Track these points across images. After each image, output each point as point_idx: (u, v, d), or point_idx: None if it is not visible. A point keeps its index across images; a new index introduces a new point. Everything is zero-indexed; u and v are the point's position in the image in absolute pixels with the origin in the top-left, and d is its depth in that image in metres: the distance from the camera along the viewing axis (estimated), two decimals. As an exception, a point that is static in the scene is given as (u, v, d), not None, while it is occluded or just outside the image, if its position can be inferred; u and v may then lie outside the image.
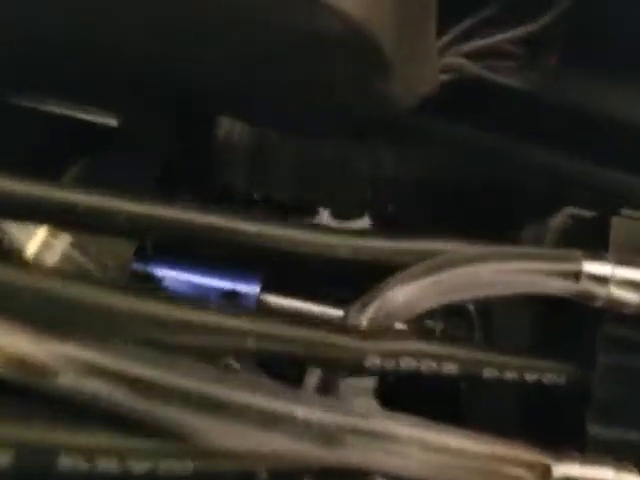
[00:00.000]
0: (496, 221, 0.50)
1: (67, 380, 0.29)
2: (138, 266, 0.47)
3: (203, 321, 0.33)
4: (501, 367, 0.39)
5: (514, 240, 0.45)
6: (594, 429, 0.39)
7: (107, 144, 0.45)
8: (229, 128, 0.49)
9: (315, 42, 0.34)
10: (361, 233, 0.39)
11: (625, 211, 0.42)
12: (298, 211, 0.55)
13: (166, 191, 0.47)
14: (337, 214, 0.56)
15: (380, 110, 0.39)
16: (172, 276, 0.48)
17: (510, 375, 0.39)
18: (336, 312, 0.50)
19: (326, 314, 0.51)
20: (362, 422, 0.33)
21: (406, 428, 0.33)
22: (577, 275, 0.38)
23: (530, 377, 0.40)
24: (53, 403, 0.30)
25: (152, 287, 0.41)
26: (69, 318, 0.32)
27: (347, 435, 0.32)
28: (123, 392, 0.30)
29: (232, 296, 0.48)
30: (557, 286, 0.37)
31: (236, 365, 0.35)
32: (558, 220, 0.45)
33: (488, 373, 0.39)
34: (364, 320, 0.37)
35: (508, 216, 0.50)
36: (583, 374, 0.40)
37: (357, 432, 0.32)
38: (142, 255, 0.43)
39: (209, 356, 0.33)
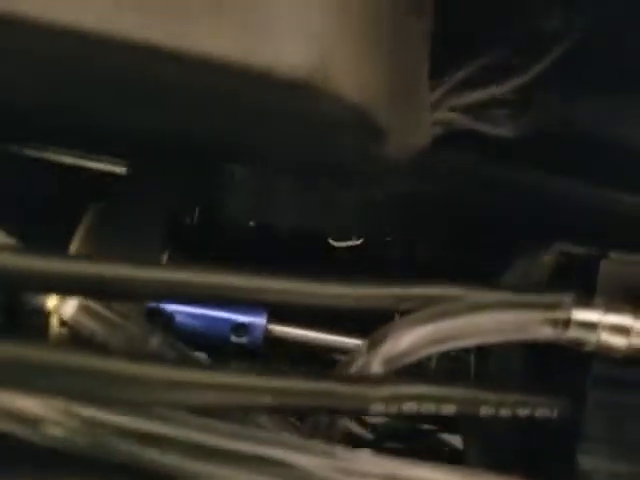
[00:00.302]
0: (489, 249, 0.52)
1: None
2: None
3: (200, 381, 0.35)
4: (497, 405, 0.42)
5: (502, 279, 0.47)
6: (584, 462, 0.42)
7: (117, 191, 0.47)
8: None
9: (310, 124, 0.35)
10: (361, 281, 0.41)
11: (614, 254, 0.44)
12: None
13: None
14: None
15: (371, 167, 0.41)
16: (182, 310, 0.50)
17: (505, 412, 0.42)
18: (343, 340, 0.53)
19: (333, 342, 0.53)
20: (352, 465, 0.35)
21: (397, 469, 0.36)
22: (566, 323, 0.40)
23: (523, 412, 0.42)
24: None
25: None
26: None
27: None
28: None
29: (241, 328, 0.51)
30: (547, 334, 0.40)
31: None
32: (549, 257, 0.47)
33: (485, 411, 0.41)
34: (369, 367, 0.39)
35: (502, 245, 0.52)
36: (573, 409, 0.42)
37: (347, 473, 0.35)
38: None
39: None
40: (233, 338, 0.51)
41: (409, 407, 0.39)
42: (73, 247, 0.46)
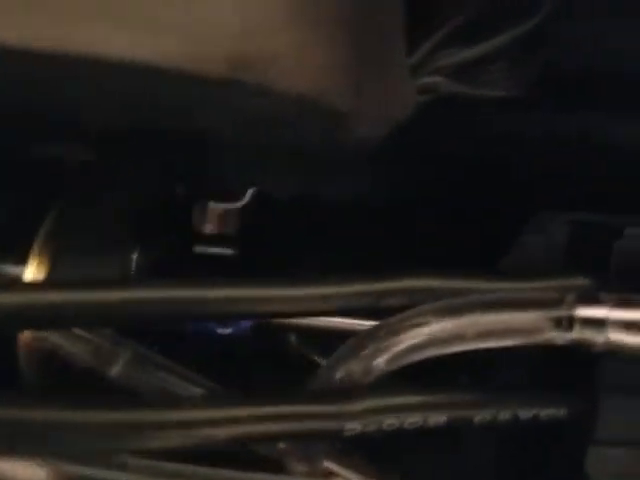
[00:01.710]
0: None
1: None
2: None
3: (150, 422, 0.32)
4: (495, 408, 0.37)
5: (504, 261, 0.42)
6: (594, 468, 0.37)
7: (80, 185, 0.43)
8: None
9: (275, 123, 0.31)
10: (331, 279, 0.36)
11: (630, 230, 0.39)
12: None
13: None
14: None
15: (344, 149, 0.36)
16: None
17: (504, 416, 0.37)
18: (342, 321, 0.49)
19: (329, 325, 0.49)
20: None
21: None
22: (570, 321, 0.35)
23: (526, 414, 0.38)
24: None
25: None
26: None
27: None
28: None
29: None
30: (551, 336, 0.35)
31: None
32: (560, 232, 0.42)
33: (481, 417, 0.37)
34: (340, 381, 0.35)
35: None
36: (584, 411, 0.38)
37: None
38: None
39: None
40: (219, 330, 0.47)
41: (391, 422, 0.35)
42: (32, 259, 0.42)
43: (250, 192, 0.49)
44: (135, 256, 0.44)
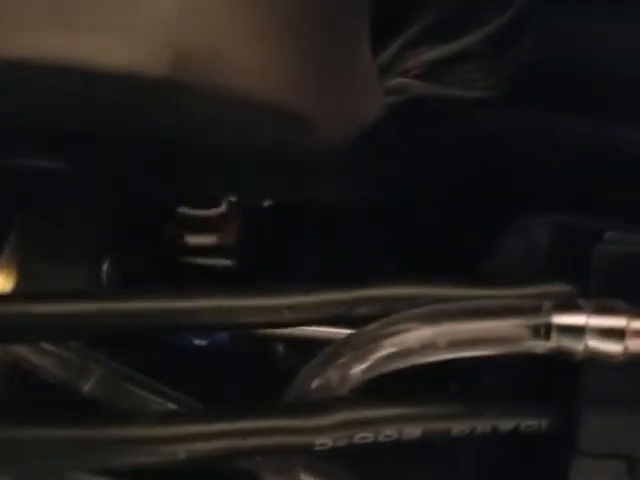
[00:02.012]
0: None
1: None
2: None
3: (112, 438, 0.30)
4: (473, 420, 0.36)
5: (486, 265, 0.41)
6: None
7: (50, 191, 0.42)
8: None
9: (227, 127, 0.30)
10: (300, 287, 0.35)
11: (610, 235, 0.38)
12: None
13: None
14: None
15: (316, 149, 0.35)
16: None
17: (482, 427, 0.36)
18: (325, 330, 0.47)
19: (313, 333, 0.47)
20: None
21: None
22: (548, 329, 0.34)
23: (506, 425, 0.36)
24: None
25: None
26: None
27: None
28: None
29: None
30: (530, 345, 0.33)
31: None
32: (542, 235, 0.40)
33: (458, 429, 0.36)
34: (317, 390, 0.34)
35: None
36: (565, 422, 0.36)
37: None
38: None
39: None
40: (196, 341, 0.46)
41: (364, 436, 0.34)
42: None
43: (227, 199, 0.48)
44: (105, 267, 0.43)
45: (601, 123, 0.44)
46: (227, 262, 0.54)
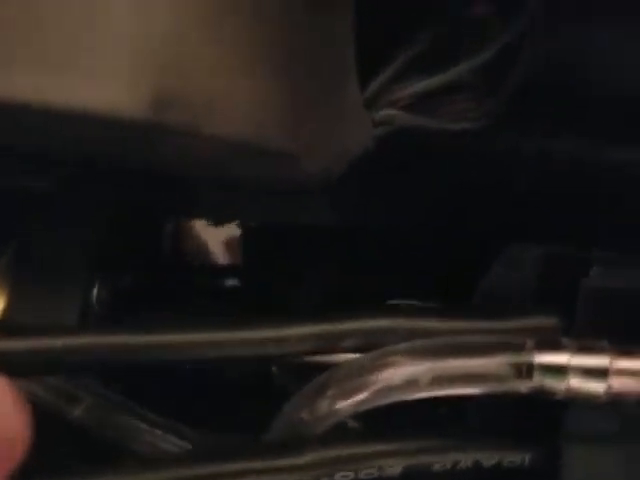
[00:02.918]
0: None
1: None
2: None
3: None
4: (455, 455, 0.36)
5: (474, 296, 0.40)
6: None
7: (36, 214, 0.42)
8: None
9: (210, 164, 0.30)
10: (292, 322, 0.35)
11: (598, 268, 0.37)
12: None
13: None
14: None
15: (303, 181, 0.35)
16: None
17: (465, 463, 0.36)
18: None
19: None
20: None
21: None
22: (530, 369, 0.33)
23: (489, 461, 0.36)
24: None
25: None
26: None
27: None
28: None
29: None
30: (514, 384, 0.33)
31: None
32: (531, 264, 0.40)
33: (440, 464, 0.36)
34: (304, 422, 0.34)
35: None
36: (548, 457, 0.36)
37: None
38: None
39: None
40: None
41: (345, 474, 0.34)
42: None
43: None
44: (95, 290, 0.43)
45: (599, 145, 0.44)
46: (223, 282, 0.54)
